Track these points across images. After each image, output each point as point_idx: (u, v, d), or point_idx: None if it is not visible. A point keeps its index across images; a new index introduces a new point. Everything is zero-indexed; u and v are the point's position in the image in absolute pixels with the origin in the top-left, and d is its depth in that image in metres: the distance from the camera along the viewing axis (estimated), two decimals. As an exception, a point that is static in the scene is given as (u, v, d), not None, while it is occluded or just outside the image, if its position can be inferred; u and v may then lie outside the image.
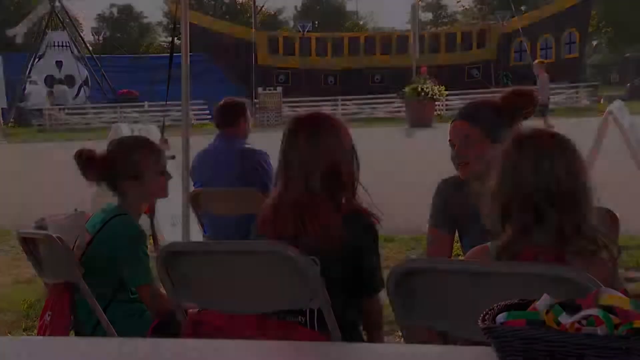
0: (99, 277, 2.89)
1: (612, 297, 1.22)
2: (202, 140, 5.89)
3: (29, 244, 2.98)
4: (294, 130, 2.44)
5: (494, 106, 2.74)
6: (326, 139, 2.40)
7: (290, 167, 2.40)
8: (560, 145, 1.94)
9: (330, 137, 2.42)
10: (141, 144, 3.07)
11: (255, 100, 23.26)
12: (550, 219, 1.90)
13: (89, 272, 2.81)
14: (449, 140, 2.75)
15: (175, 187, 5.31)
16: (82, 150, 2.96)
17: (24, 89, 27.85)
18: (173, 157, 5.27)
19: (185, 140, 4.94)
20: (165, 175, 3.07)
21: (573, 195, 1.90)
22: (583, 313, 1.20)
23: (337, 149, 2.42)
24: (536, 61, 20.46)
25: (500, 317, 1.26)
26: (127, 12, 57.13)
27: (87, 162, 2.94)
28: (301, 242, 2.33)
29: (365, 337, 2.56)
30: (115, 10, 57.27)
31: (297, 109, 24.62)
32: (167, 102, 6.06)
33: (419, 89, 21.32)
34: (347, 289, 2.40)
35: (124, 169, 2.96)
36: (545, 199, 1.90)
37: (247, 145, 4.69)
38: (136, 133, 5.82)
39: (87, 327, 2.91)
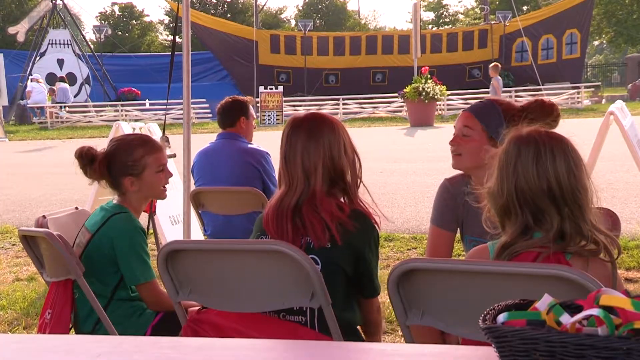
0: (99, 275, 2.90)
1: (613, 297, 1.21)
2: (203, 139, 5.90)
3: (29, 241, 2.98)
4: (294, 131, 2.44)
5: (507, 109, 2.73)
6: (326, 138, 2.41)
7: (292, 168, 2.40)
8: (559, 145, 1.94)
9: (330, 136, 2.42)
10: (141, 141, 3.06)
11: (257, 99, 23.25)
12: (550, 219, 1.90)
13: (89, 270, 2.82)
14: (454, 126, 2.79)
15: (176, 186, 5.32)
16: (82, 148, 2.96)
17: (25, 86, 27.83)
18: (174, 156, 5.27)
19: (186, 139, 4.93)
20: (165, 173, 3.07)
21: (573, 194, 1.90)
22: (584, 313, 1.20)
23: (338, 147, 2.42)
24: (491, 65, 20.63)
25: (501, 317, 1.26)
26: (128, 10, 57.16)
27: (87, 160, 2.94)
28: (303, 241, 2.33)
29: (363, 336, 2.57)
30: (116, 8, 57.35)
31: (298, 108, 24.67)
32: (168, 101, 6.06)
33: (420, 89, 21.32)
34: (347, 288, 2.40)
35: (124, 166, 2.97)
36: (545, 198, 1.89)
37: (248, 144, 4.69)
38: (137, 131, 5.82)
39: (88, 325, 2.91)
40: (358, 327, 2.51)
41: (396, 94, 24.32)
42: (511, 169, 1.93)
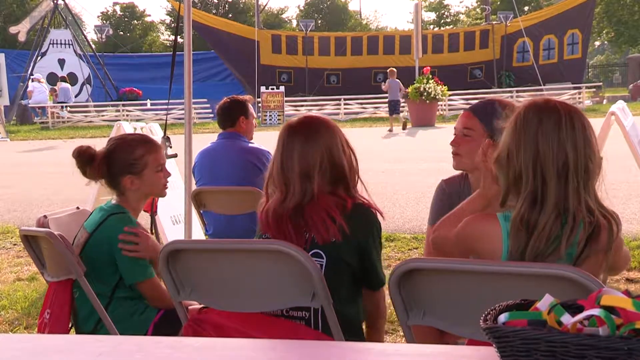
0: (98, 274, 2.89)
1: (614, 297, 1.21)
2: (205, 139, 5.89)
3: (30, 241, 2.98)
4: (290, 136, 2.45)
5: (509, 108, 2.72)
6: (324, 140, 2.42)
7: (290, 170, 2.40)
8: (576, 114, 1.93)
9: (327, 137, 2.43)
10: (142, 140, 3.05)
11: (258, 99, 23.26)
12: (562, 188, 1.88)
13: (88, 269, 2.81)
14: (455, 126, 2.78)
15: (178, 186, 5.32)
16: (80, 147, 2.95)
17: (27, 86, 27.87)
18: (175, 156, 5.27)
19: (187, 139, 4.93)
20: (164, 173, 3.06)
21: (586, 164, 1.88)
22: (585, 313, 1.20)
23: (337, 147, 2.43)
24: (389, 69, 21.10)
25: (502, 317, 1.26)
26: (130, 10, 57.20)
27: (86, 159, 2.93)
28: (307, 237, 2.34)
29: (365, 328, 2.57)
30: (118, 8, 57.40)
31: (300, 108, 24.67)
32: (170, 101, 6.06)
33: (422, 89, 21.32)
34: (352, 283, 2.40)
35: (125, 165, 2.96)
36: (555, 170, 1.87)
37: (249, 144, 4.69)
38: (139, 131, 5.82)
39: (89, 325, 2.90)
40: (362, 325, 2.51)
41: (397, 94, 24.32)
42: (531, 137, 1.90)
